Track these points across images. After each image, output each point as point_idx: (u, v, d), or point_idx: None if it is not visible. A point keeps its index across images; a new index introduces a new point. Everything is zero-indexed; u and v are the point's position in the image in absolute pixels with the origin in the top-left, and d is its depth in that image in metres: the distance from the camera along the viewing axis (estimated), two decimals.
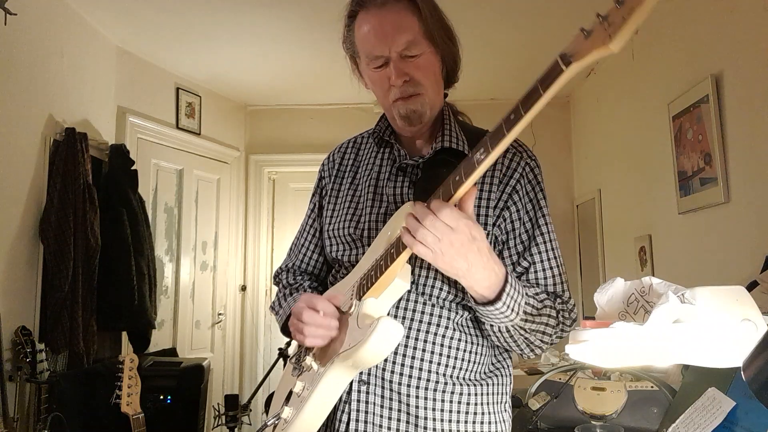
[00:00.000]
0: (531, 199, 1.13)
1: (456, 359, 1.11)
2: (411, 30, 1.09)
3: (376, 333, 0.93)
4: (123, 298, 2.96)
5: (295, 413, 1.02)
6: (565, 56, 0.74)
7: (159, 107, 3.83)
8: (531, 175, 1.14)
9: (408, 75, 1.10)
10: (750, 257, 2.01)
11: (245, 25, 3.21)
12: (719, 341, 0.76)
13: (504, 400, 1.17)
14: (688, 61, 2.53)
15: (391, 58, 1.10)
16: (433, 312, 1.10)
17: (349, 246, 1.20)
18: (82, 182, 2.77)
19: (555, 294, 1.10)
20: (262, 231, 4.66)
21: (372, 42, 1.11)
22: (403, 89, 1.12)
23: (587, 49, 0.71)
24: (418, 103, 1.13)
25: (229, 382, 4.40)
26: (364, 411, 1.09)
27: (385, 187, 1.19)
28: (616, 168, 3.52)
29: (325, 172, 1.35)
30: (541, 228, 1.12)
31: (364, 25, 1.13)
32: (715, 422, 0.93)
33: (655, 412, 1.59)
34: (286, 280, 1.36)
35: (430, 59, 1.12)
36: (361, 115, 4.41)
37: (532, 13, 3.05)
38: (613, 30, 0.66)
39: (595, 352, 0.82)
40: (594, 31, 0.70)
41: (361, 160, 1.29)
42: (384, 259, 1.01)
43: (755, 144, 2.07)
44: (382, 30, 1.10)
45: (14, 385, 2.37)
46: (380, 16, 1.10)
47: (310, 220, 1.35)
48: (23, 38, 2.56)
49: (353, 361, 0.97)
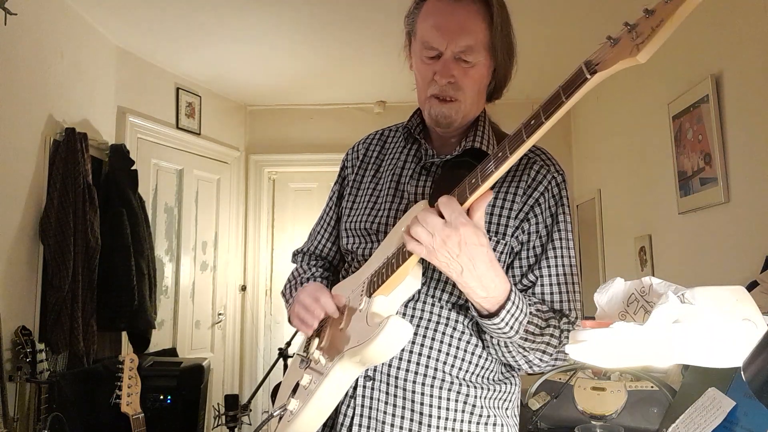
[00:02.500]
0: (552, 214, 1.10)
1: (464, 361, 1.09)
2: (475, 35, 1.06)
3: (384, 332, 0.92)
4: (123, 298, 2.96)
5: (302, 405, 1.02)
6: (590, 64, 0.73)
7: (159, 107, 3.82)
8: (556, 189, 1.12)
9: (454, 77, 1.08)
10: (750, 257, 2.01)
11: (245, 25, 3.21)
12: (719, 341, 0.76)
13: (509, 406, 1.16)
14: (688, 61, 2.53)
15: (445, 55, 1.07)
16: (443, 313, 1.09)
17: (364, 240, 1.19)
18: (82, 182, 2.77)
19: (561, 312, 1.07)
20: (262, 231, 4.66)
21: (433, 32, 1.07)
22: (443, 89, 1.09)
23: (613, 59, 0.69)
24: (453, 110, 1.10)
25: (229, 382, 4.40)
26: (368, 407, 1.09)
27: (407, 184, 1.17)
28: (616, 168, 3.52)
29: (348, 162, 1.33)
30: (555, 243, 1.09)
31: (433, 11, 1.09)
32: (715, 422, 0.93)
33: (655, 412, 1.59)
34: (301, 264, 1.37)
35: (481, 71, 1.10)
36: (361, 115, 4.41)
37: (533, 16, 3.05)
38: (641, 41, 0.65)
39: (595, 352, 0.82)
40: (621, 40, 0.68)
41: (386, 153, 1.27)
42: (396, 257, 1.00)
43: (755, 144, 2.07)
44: (447, 24, 1.06)
45: (14, 385, 2.37)
46: (451, 9, 1.06)
47: (328, 208, 1.35)
48: (23, 38, 2.56)
49: (361, 357, 0.97)
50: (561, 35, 3.25)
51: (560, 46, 3.33)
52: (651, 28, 0.64)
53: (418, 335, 1.09)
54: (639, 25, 0.66)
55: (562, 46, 3.33)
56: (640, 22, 0.66)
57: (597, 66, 0.72)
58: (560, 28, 3.18)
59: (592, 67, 0.72)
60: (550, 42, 3.34)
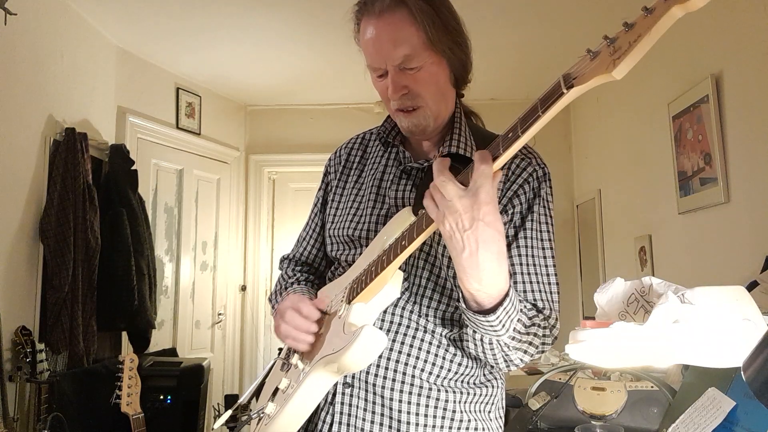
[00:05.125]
0: (530, 206, 1.07)
1: (442, 368, 1.08)
2: (408, 43, 1.03)
3: (357, 342, 0.92)
4: (123, 298, 2.96)
5: (279, 410, 1.03)
6: (569, 78, 0.71)
7: (159, 107, 3.82)
8: (536, 183, 1.09)
9: (406, 88, 1.06)
10: (750, 257, 2.01)
11: (245, 25, 3.21)
12: (719, 341, 0.76)
13: (492, 408, 1.14)
14: (688, 61, 2.53)
15: (389, 70, 1.05)
16: (420, 321, 1.08)
17: (347, 246, 1.19)
18: (82, 182, 2.77)
19: (535, 306, 1.03)
20: (262, 231, 4.66)
21: (370, 53, 1.07)
22: (401, 102, 1.07)
23: (590, 74, 0.68)
24: (420, 117, 1.08)
25: (229, 382, 4.40)
26: (347, 414, 1.08)
27: (388, 189, 1.16)
28: (616, 168, 3.52)
29: (330, 167, 1.33)
30: (527, 232, 1.05)
31: (365, 33, 1.09)
32: (715, 422, 0.93)
33: (655, 412, 1.59)
34: (286, 270, 1.36)
35: (431, 70, 1.06)
36: (361, 115, 4.41)
37: (531, 13, 3.05)
38: (617, 56, 0.64)
39: (595, 352, 0.82)
40: (600, 54, 0.67)
41: (368, 158, 1.26)
42: (376, 265, 0.99)
43: (755, 144, 2.07)
44: (378, 42, 1.05)
45: (14, 385, 2.37)
46: (377, 27, 1.05)
47: (313, 215, 1.35)
48: (23, 38, 2.56)
49: (336, 366, 0.97)
50: (560, 35, 3.24)
51: (561, 46, 3.33)
52: (629, 42, 0.62)
53: (396, 342, 1.07)
54: (618, 39, 0.64)
55: (562, 46, 3.33)
56: (619, 36, 0.64)
57: (574, 80, 0.70)
58: (560, 28, 3.18)
59: (569, 81, 0.71)
60: (550, 42, 3.34)
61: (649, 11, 0.62)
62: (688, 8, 0.60)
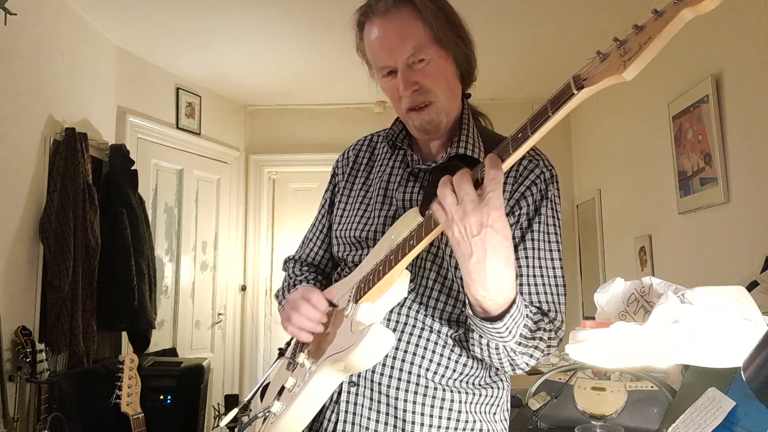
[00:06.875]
0: (536, 207, 1.08)
1: (447, 368, 1.08)
2: (415, 36, 1.05)
3: (365, 340, 0.92)
4: (123, 298, 2.96)
5: (284, 408, 1.03)
6: (579, 79, 0.72)
7: (159, 107, 3.83)
8: (543, 185, 1.09)
9: (417, 83, 1.06)
10: (750, 257, 2.01)
11: (245, 25, 3.22)
12: (719, 341, 0.76)
13: (497, 410, 1.14)
14: (688, 61, 2.53)
15: (398, 67, 1.06)
16: (427, 321, 1.08)
17: (354, 248, 1.19)
18: (82, 182, 2.77)
19: (540, 309, 1.03)
20: (262, 231, 4.66)
21: (378, 52, 1.08)
22: (413, 99, 1.08)
23: (600, 75, 0.69)
24: (433, 113, 1.09)
25: (229, 382, 4.40)
26: (352, 413, 1.08)
27: (396, 191, 1.17)
28: (616, 168, 3.52)
29: (338, 169, 1.33)
30: (534, 234, 1.06)
31: (370, 34, 1.10)
32: (715, 422, 0.93)
33: (655, 412, 1.59)
34: (293, 270, 1.36)
35: (439, 64, 1.08)
36: (361, 115, 4.41)
37: (531, 13, 3.05)
38: (627, 57, 0.64)
39: (595, 352, 0.82)
40: (610, 56, 0.68)
41: (375, 159, 1.27)
42: (383, 265, 0.99)
43: (755, 144, 2.07)
44: (386, 40, 1.06)
45: (14, 385, 2.37)
46: (384, 26, 1.07)
47: (320, 215, 1.35)
48: (23, 38, 2.56)
49: (343, 364, 0.97)
50: (560, 35, 3.25)
51: (560, 46, 3.33)
52: (639, 44, 0.63)
53: (402, 341, 1.08)
54: (628, 41, 0.65)
55: (562, 46, 3.33)
56: (629, 38, 0.65)
57: (584, 81, 0.71)
58: (559, 28, 3.18)
59: (579, 82, 0.71)
60: (550, 42, 3.34)
61: (659, 14, 0.63)
62: (698, 11, 0.60)
